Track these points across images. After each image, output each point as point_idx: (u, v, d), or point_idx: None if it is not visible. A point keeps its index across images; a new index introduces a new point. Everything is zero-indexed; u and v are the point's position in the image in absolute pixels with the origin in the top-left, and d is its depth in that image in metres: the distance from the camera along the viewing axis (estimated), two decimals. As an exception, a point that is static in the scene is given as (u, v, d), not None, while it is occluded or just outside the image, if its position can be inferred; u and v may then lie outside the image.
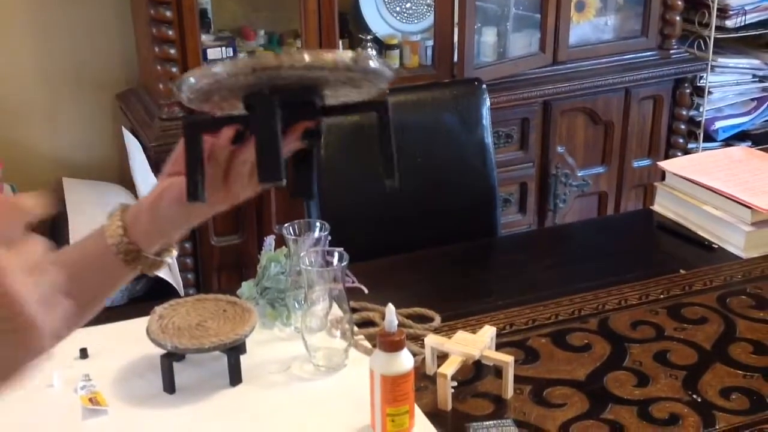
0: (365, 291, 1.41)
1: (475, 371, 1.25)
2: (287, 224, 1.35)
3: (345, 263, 1.24)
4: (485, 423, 1.11)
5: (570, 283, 1.49)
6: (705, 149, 2.87)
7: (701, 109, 2.88)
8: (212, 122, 0.79)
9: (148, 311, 1.29)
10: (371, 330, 1.34)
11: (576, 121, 2.69)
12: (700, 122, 2.89)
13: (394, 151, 0.77)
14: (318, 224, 1.35)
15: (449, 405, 1.17)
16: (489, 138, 1.87)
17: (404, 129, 1.82)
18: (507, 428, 1.08)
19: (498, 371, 1.22)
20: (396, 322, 1.11)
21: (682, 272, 1.52)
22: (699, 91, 2.87)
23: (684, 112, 2.82)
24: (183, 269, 2.29)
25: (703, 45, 2.83)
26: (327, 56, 0.72)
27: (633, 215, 2.33)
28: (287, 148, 0.79)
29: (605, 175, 2.77)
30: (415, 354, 1.20)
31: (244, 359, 1.25)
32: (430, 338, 1.25)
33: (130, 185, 2.46)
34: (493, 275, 1.63)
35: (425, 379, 1.22)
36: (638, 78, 2.70)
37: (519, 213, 2.68)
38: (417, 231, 1.81)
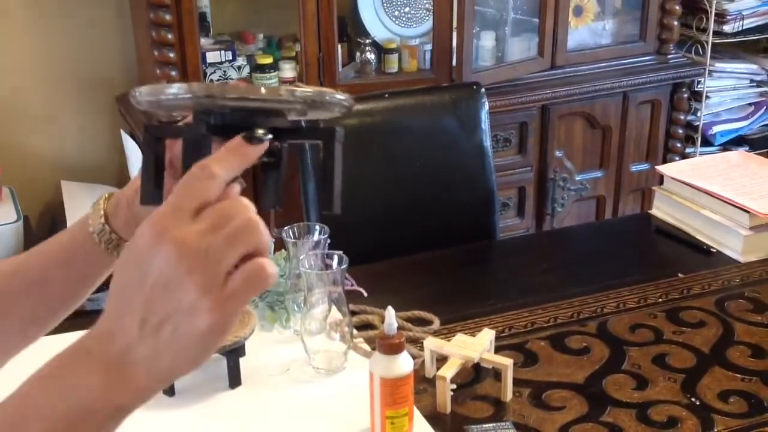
0: (364, 294, 1.42)
1: (474, 374, 1.25)
2: (287, 227, 1.35)
3: (344, 266, 1.24)
4: (484, 426, 1.11)
5: (569, 287, 1.49)
6: (703, 154, 2.88)
7: (699, 114, 2.89)
8: (171, 130, 0.78)
9: (148, 314, 1.28)
10: (370, 333, 1.35)
11: (574, 126, 2.69)
12: (698, 127, 2.90)
13: (338, 183, 0.76)
14: (317, 227, 1.35)
15: (448, 408, 1.18)
16: (488, 142, 1.88)
17: (403, 133, 1.82)
18: (506, 431, 1.08)
19: (497, 374, 1.22)
20: (396, 325, 1.11)
21: (681, 276, 1.53)
22: (697, 96, 2.88)
23: (682, 117, 2.83)
24: (181, 272, 2.28)
25: (701, 50, 2.84)
26: (263, 88, 0.72)
27: (631, 219, 2.33)
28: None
29: (603, 180, 2.78)
30: (415, 357, 1.20)
31: (244, 362, 1.25)
32: (430, 341, 1.25)
33: (129, 188, 2.46)
34: (492, 278, 1.63)
35: (424, 382, 1.22)
36: (636, 82, 2.71)
37: (517, 217, 2.69)
38: (416, 234, 1.81)
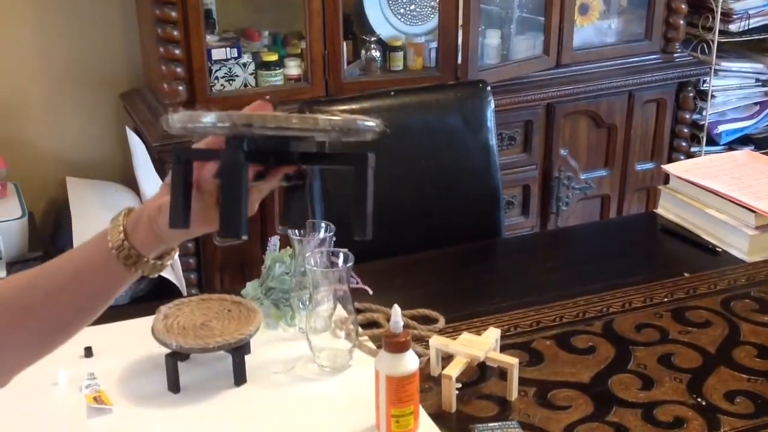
0: (370, 292, 1.42)
1: (480, 373, 1.25)
2: (292, 225, 1.34)
3: (350, 264, 1.24)
4: (490, 425, 1.11)
5: (574, 286, 1.49)
6: (708, 153, 2.88)
7: (704, 113, 2.88)
8: (199, 153, 0.80)
9: (152, 311, 1.29)
10: (376, 331, 1.35)
11: (579, 124, 2.69)
12: (703, 126, 2.89)
13: (369, 208, 0.76)
14: (323, 225, 1.35)
15: (454, 406, 1.17)
16: (493, 140, 1.87)
17: (408, 131, 1.82)
18: (512, 430, 1.08)
19: (503, 373, 1.22)
20: (401, 324, 1.11)
21: (686, 275, 1.52)
22: (702, 95, 2.87)
23: (687, 116, 2.83)
24: (186, 269, 2.29)
25: (707, 49, 2.83)
26: (299, 117, 0.73)
27: (637, 218, 2.33)
28: (269, 186, 0.80)
29: (608, 178, 2.77)
30: (420, 355, 1.19)
31: (249, 359, 1.25)
32: (435, 339, 1.25)
33: (134, 185, 2.46)
34: (498, 277, 1.63)
35: (430, 380, 1.22)
36: (641, 81, 2.70)
37: (522, 215, 2.68)
38: (421, 232, 1.81)
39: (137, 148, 2.33)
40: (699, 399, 1.19)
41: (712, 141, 2.94)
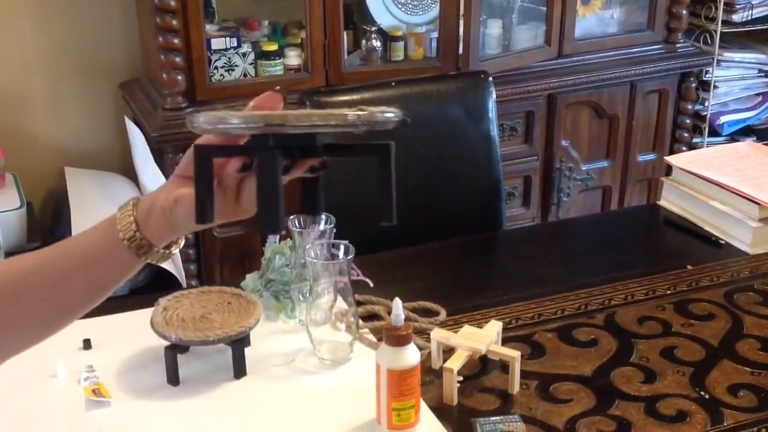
0: (370, 284, 1.41)
1: (481, 366, 1.24)
2: (293, 216, 1.34)
3: (351, 256, 1.23)
4: (491, 418, 1.10)
5: (576, 278, 1.48)
6: (710, 144, 2.86)
7: (706, 104, 2.87)
8: (222, 149, 0.81)
9: (152, 303, 1.28)
10: (376, 323, 1.34)
11: (581, 115, 2.67)
12: (706, 117, 2.88)
13: (394, 195, 0.79)
14: (323, 217, 1.33)
15: (455, 400, 1.17)
16: (495, 131, 1.86)
17: (408, 122, 1.80)
18: (514, 424, 1.07)
19: (504, 366, 1.21)
20: (403, 317, 1.10)
21: (689, 268, 1.51)
22: (704, 86, 2.86)
23: (689, 107, 2.81)
24: (185, 260, 2.28)
25: (709, 39, 2.81)
26: (331, 114, 0.75)
27: (639, 210, 2.32)
28: (290, 177, 0.81)
29: (609, 170, 2.76)
30: (421, 348, 1.19)
31: (249, 352, 1.25)
32: (436, 332, 1.24)
33: (133, 175, 2.45)
34: (499, 269, 1.62)
35: (431, 374, 1.22)
36: (644, 72, 2.68)
37: (522, 206, 2.67)
38: (422, 224, 1.79)
39: (136, 139, 2.32)
40: (702, 392, 1.19)
41: (715, 132, 2.93)
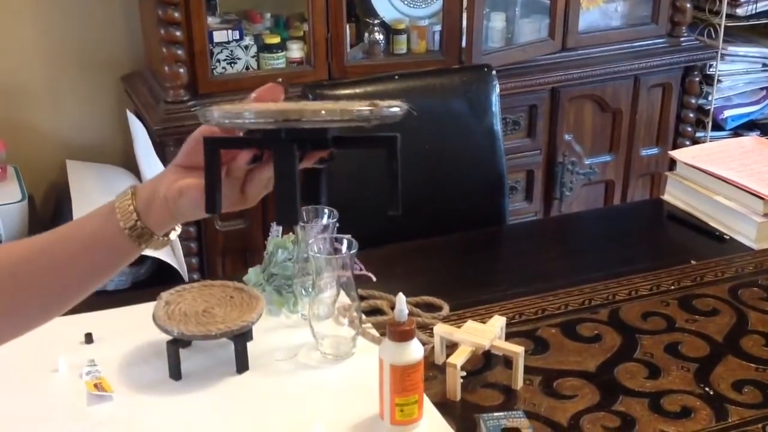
0: (373, 279, 1.40)
1: (485, 361, 1.23)
2: (295, 210, 1.33)
3: (354, 251, 1.22)
4: (495, 414, 1.09)
5: (580, 273, 1.47)
6: (713, 138, 2.85)
7: (710, 98, 2.86)
8: (232, 142, 0.83)
9: (153, 297, 1.27)
10: (379, 318, 1.33)
11: (584, 109, 2.66)
12: (709, 111, 2.87)
13: (400, 185, 0.81)
14: (326, 211, 1.33)
15: (458, 395, 1.16)
16: (498, 125, 1.85)
17: (412, 115, 1.79)
18: (517, 420, 1.06)
19: (508, 361, 1.20)
20: (406, 312, 1.10)
21: (693, 263, 1.51)
22: (708, 80, 2.85)
23: (693, 101, 2.80)
24: (187, 254, 2.27)
25: (713, 33, 2.80)
26: (344, 109, 0.77)
27: (643, 205, 2.31)
28: (300, 168, 0.82)
29: (612, 164, 2.75)
30: (424, 343, 1.18)
31: (251, 346, 1.24)
32: (440, 327, 1.24)
33: (134, 168, 2.45)
34: (502, 264, 1.62)
35: (434, 369, 1.21)
36: (647, 65, 2.67)
37: (525, 201, 2.67)
38: (425, 218, 1.79)
39: (138, 131, 2.31)
40: (706, 388, 1.18)
41: (718, 126, 2.91)
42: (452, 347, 1.20)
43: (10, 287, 0.83)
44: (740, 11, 2.79)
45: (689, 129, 2.83)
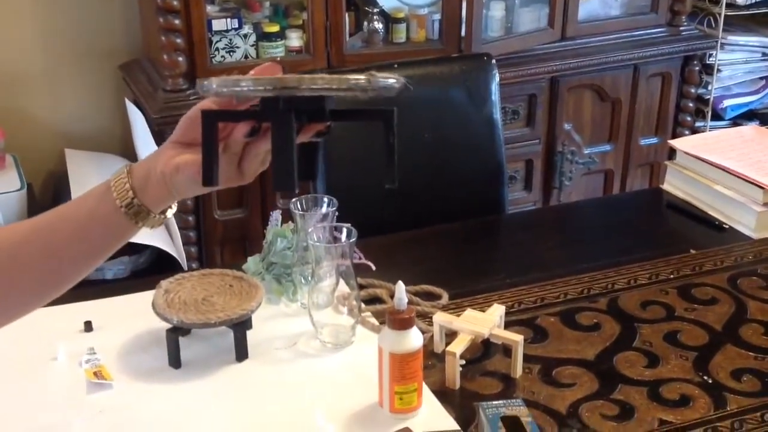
0: (372, 267, 1.40)
1: (484, 350, 1.23)
2: (294, 199, 1.33)
3: (353, 239, 1.22)
4: (494, 402, 1.09)
5: (579, 262, 1.47)
6: (713, 128, 2.85)
7: (710, 87, 2.85)
8: (229, 114, 0.83)
9: (153, 285, 1.27)
10: (378, 307, 1.33)
11: (583, 98, 2.66)
12: (709, 100, 2.87)
13: (396, 158, 0.82)
14: (326, 199, 1.33)
15: (457, 383, 1.16)
16: (497, 114, 1.85)
17: (412, 104, 1.79)
18: (516, 408, 1.07)
19: (507, 350, 1.21)
20: (405, 300, 1.10)
21: (693, 252, 1.51)
22: (708, 69, 2.84)
23: (692, 90, 2.80)
24: (186, 243, 2.27)
25: (713, 22, 2.79)
26: (341, 78, 0.78)
27: (642, 194, 2.31)
28: (297, 143, 0.83)
29: (612, 153, 2.75)
30: (424, 332, 1.18)
31: (251, 335, 1.24)
32: (439, 316, 1.24)
33: (133, 157, 2.44)
34: (502, 253, 1.62)
35: (433, 357, 1.21)
36: (647, 55, 2.67)
37: (524, 190, 2.66)
38: (424, 207, 1.79)
39: (136, 120, 2.31)
40: (705, 377, 1.18)
41: (717, 116, 2.91)
42: (451, 336, 1.20)
43: (9, 269, 0.83)
44: (740, 0, 2.79)
45: (688, 118, 2.82)
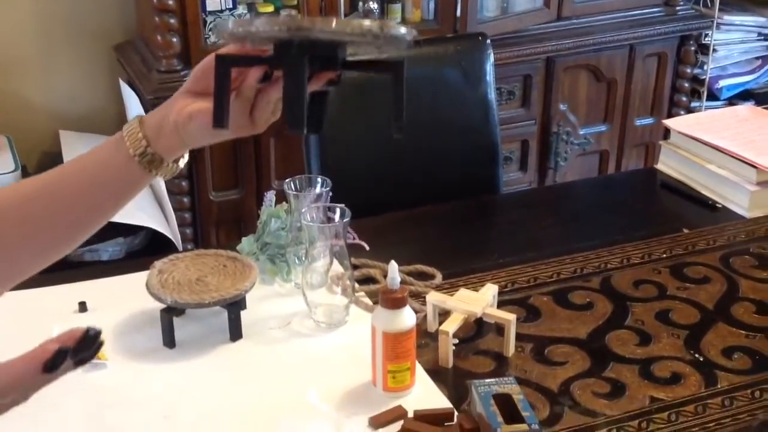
0: (366, 247, 1.40)
1: (477, 329, 1.24)
2: (288, 179, 1.33)
3: (347, 219, 1.23)
4: (486, 381, 1.10)
5: (572, 242, 1.48)
6: (708, 108, 2.85)
7: (705, 67, 2.85)
8: (243, 59, 0.84)
9: (147, 266, 1.27)
10: (372, 287, 1.34)
11: (579, 79, 2.65)
12: (704, 80, 2.86)
13: (404, 108, 0.84)
14: (319, 180, 1.33)
15: (450, 362, 1.17)
16: (492, 94, 1.85)
17: (407, 84, 1.79)
18: (508, 386, 1.07)
19: (500, 329, 1.21)
20: (399, 280, 1.10)
21: (686, 231, 1.51)
22: (704, 49, 2.84)
23: (688, 70, 2.79)
24: (181, 224, 2.27)
25: (709, 2, 2.78)
26: (355, 23, 0.79)
27: (636, 174, 2.31)
28: (308, 91, 0.84)
29: (607, 134, 2.75)
30: (417, 311, 1.19)
31: (245, 315, 1.25)
32: (432, 295, 1.24)
33: (128, 139, 2.43)
34: (495, 233, 1.62)
35: (426, 336, 1.22)
36: (643, 35, 2.66)
37: (520, 171, 2.67)
38: (419, 187, 1.79)
39: (131, 101, 2.30)
40: (696, 355, 1.19)
41: (713, 96, 2.91)
42: (445, 315, 1.21)
43: (22, 225, 0.84)
44: (737, -21, 2.78)
45: (684, 99, 2.82)
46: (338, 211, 1.24)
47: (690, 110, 2.82)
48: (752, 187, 1.57)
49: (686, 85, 2.81)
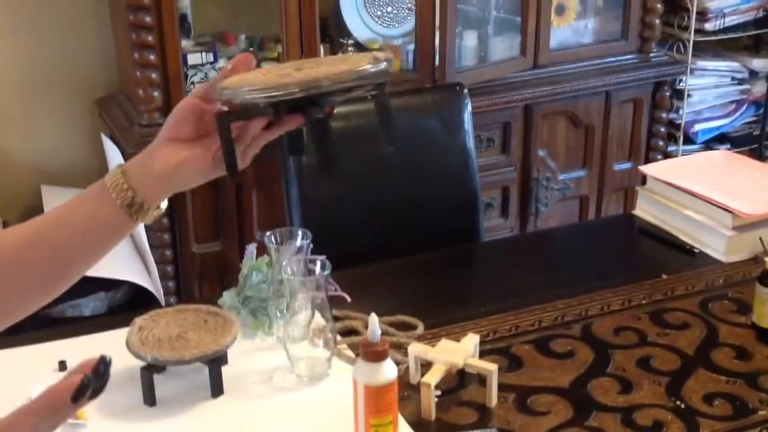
0: (348, 299, 1.41)
1: (459, 380, 1.24)
2: (269, 232, 1.34)
3: (327, 272, 1.23)
4: (469, 432, 1.10)
5: (553, 289, 1.48)
6: (685, 152, 2.89)
7: (681, 112, 2.90)
8: (242, 113, 0.88)
9: (128, 322, 1.27)
10: (354, 339, 1.34)
11: (557, 125, 2.69)
12: (680, 125, 2.91)
13: (392, 122, 0.92)
14: (300, 232, 1.34)
15: (433, 414, 1.17)
16: (471, 143, 1.87)
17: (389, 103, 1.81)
18: (491, 438, 1.07)
19: (482, 379, 1.21)
20: (379, 332, 1.10)
21: (665, 277, 1.53)
22: (679, 94, 2.89)
23: (664, 115, 2.84)
24: (164, 277, 2.27)
25: (683, 48, 2.84)
26: (359, 69, 0.85)
27: (615, 220, 2.33)
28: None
29: (586, 179, 2.78)
30: (399, 363, 1.19)
31: (226, 370, 1.24)
32: (414, 347, 1.24)
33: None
34: (476, 281, 1.63)
35: (409, 388, 1.22)
36: (618, 81, 2.71)
37: (501, 217, 2.68)
38: (399, 237, 1.80)
39: (113, 155, 2.31)
40: (678, 402, 1.19)
41: (689, 140, 2.95)
42: (427, 366, 1.21)
43: (12, 274, 0.85)
44: (708, 26, 2.84)
45: (661, 143, 2.86)
46: (319, 264, 1.24)
47: (667, 154, 2.86)
48: (729, 232, 1.59)
49: (662, 130, 2.86)
